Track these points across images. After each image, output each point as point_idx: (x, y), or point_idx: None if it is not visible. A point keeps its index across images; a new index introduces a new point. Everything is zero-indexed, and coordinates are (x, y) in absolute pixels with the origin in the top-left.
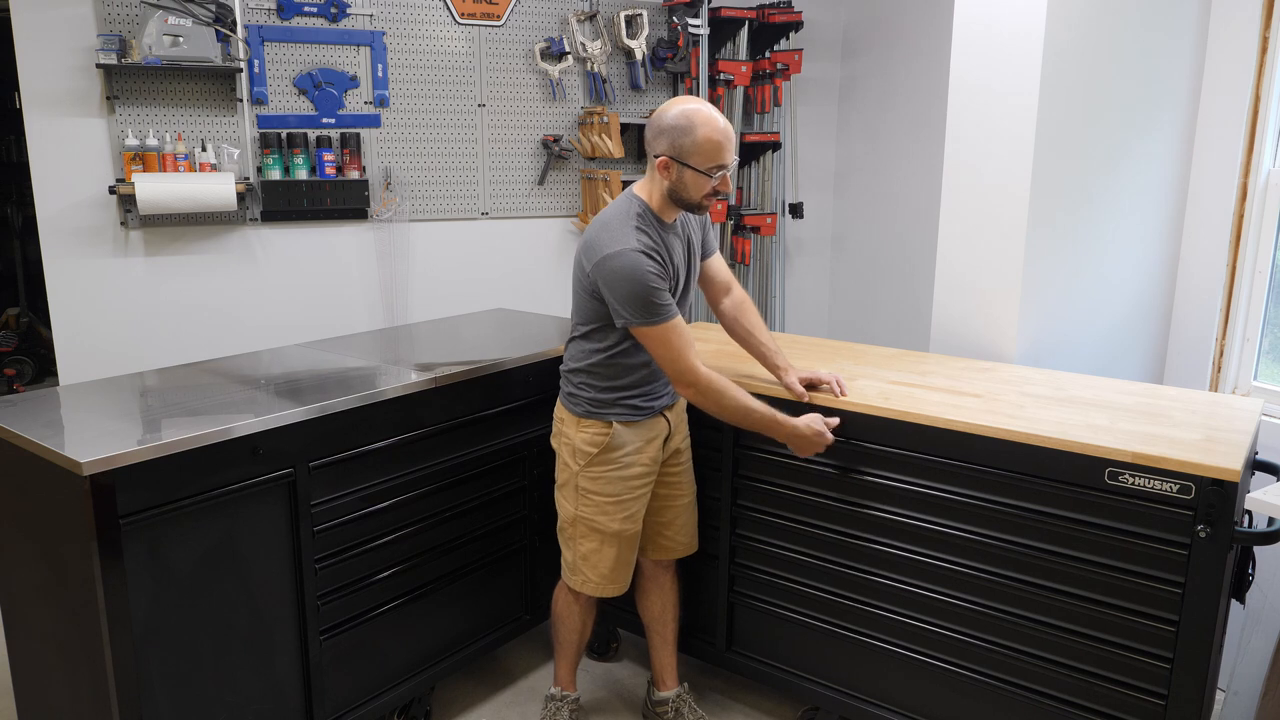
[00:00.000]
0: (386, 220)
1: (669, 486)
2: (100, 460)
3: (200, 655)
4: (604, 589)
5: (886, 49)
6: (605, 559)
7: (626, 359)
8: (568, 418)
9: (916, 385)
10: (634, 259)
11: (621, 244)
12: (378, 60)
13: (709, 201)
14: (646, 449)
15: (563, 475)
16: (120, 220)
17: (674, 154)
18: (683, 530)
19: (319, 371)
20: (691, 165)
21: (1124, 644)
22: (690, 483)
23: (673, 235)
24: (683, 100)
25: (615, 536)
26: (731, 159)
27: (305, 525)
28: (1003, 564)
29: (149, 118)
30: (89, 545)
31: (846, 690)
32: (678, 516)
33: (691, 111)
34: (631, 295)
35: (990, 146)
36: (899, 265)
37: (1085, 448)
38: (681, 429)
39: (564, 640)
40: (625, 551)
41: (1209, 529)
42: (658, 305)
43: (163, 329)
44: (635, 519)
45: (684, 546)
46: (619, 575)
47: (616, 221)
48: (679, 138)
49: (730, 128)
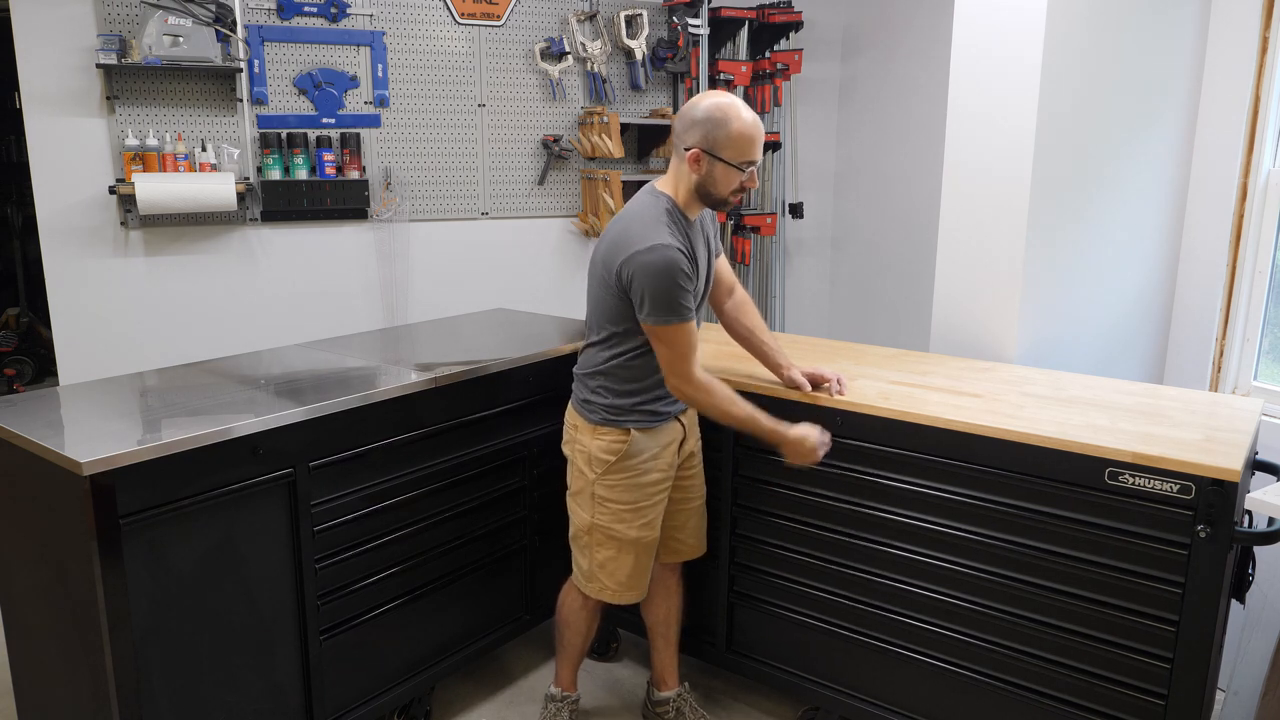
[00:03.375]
0: (386, 220)
1: (682, 490)
2: (100, 460)
3: (200, 655)
4: (622, 596)
5: (886, 49)
6: (623, 566)
7: (651, 360)
8: (582, 425)
9: (917, 385)
10: (670, 255)
11: (655, 239)
12: (378, 60)
13: (736, 198)
14: (663, 455)
15: (578, 483)
16: (120, 220)
17: (707, 146)
18: (693, 533)
19: (319, 371)
20: (724, 159)
21: (1124, 644)
22: (701, 485)
23: (696, 234)
24: (715, 94)
25: (634, 544)
26: (759, 154)
27: (305, 525)
28: (1003, 564)
29: (149, 118)
30: (89, 545)
31: (847, 690)
32: (689, 520)
33: (726, 105)
34: (660, 292)
35: (990, 146)
36: (899, 265)
37: (1085, 448)
38: (694, 432)
39: (569, 643)
40: (644, 558)
41: (1209, 529)
42: (681, 305)
43: (163, 329)
44: (654, 526)
45: (693, 549)
46: (637, 582)
47: (649, 217)
48: (713, 130)
49: (761, 123)
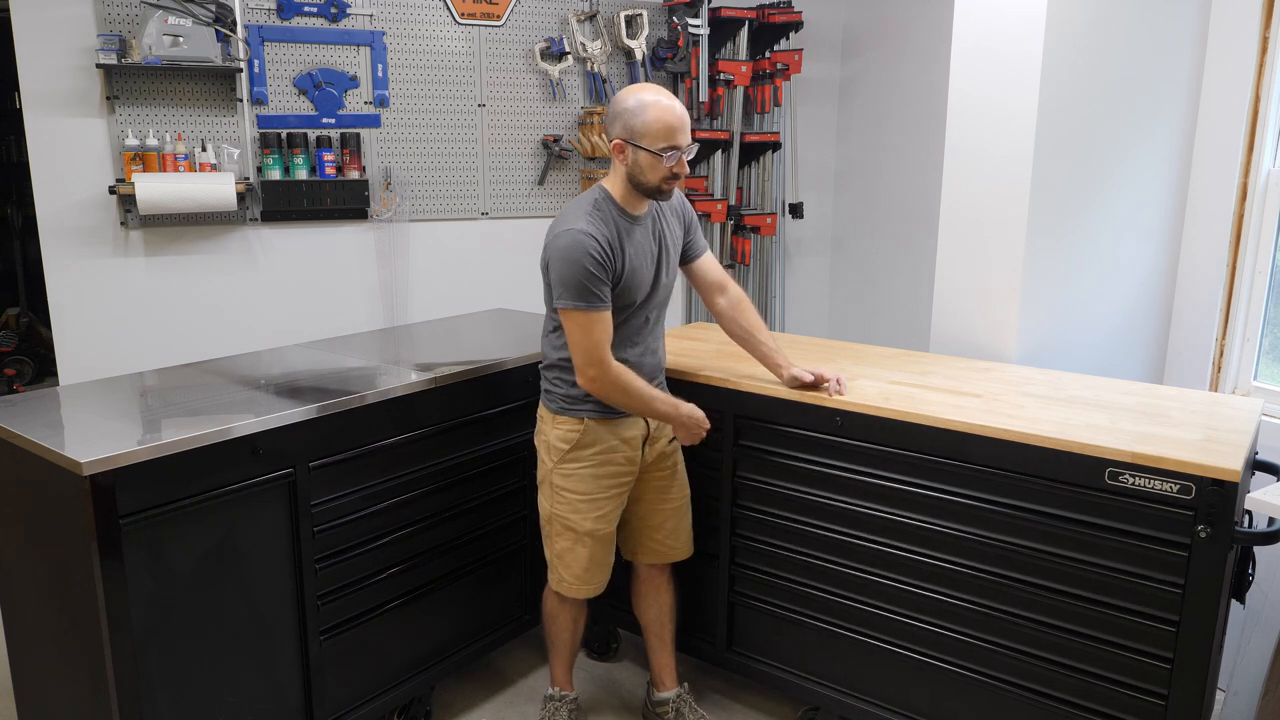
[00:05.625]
0: (386, 220)
1: (656, 490)
2: (100, 460)
3: (200, 655)
4: (578, 589)
5: (887, 49)
6: (579, 559)
7: None
8: (545, 414)
9: (916, 385)
10: (578, 239)
11: (572, 225)
12: (378, 60)
13: (668, 186)
14: (622, 448)
15: (540, 472)
16: (120, 220)
17: (627, 136)
18: (673, 534)
19: (319, 371)
20: (644, 146)
21: (1124, 644)
22: (680, 487)
23: (638, 228)
24: (638, 87)
25: (588, 536)
26: (685, 141)
27: (305, 525)
28: (1003, 564)
29: (149, 118)
30: (89, 545)
31: (847, 690)
32: (667, 520)
33: (645, 93)
34: (568, 276)
35: (991, 146)
36: (899, 265)
37: (1085, 448)
38: (666, 432)
39: (556, 640)
40: (600, 552)
41: (1209, 529)
42: (589, 292)
43: (162, 329)
44: (608, 519)
45: (676, 551)
46: (593, 576)
47: (577, 207)
48: (631, 119)
49: (684, 112)
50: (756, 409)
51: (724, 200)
